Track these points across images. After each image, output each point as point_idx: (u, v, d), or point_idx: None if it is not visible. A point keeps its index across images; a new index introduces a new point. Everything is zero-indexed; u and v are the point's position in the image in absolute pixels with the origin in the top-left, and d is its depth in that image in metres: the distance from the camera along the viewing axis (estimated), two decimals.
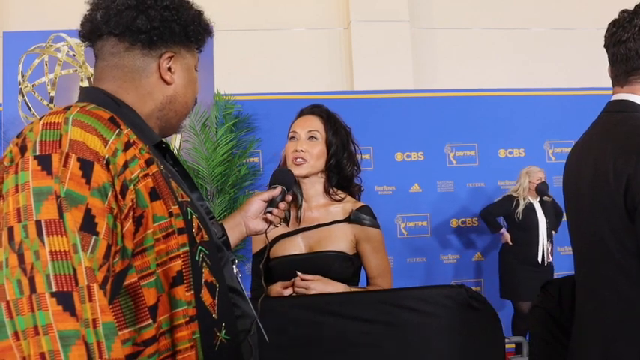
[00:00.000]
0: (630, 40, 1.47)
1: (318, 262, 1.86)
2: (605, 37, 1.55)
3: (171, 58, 1.14)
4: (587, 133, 1.62)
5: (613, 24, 1.52)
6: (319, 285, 1.80)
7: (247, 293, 1.25)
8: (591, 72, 6.05)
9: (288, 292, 1.82)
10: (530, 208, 4.91)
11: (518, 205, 4.89)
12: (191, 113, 1.26)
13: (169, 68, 1.15)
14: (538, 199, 4.96)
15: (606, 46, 1.55)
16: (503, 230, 5.05)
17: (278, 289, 1.85)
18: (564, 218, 5.63)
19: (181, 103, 1.19)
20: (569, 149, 1.69)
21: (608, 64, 1.58)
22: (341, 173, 1.96)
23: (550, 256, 4.92)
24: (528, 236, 4.87)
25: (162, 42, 1.13)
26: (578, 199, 1.58)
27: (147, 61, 1.13)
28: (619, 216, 1.38)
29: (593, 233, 1.48)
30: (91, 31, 1.13)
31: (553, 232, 5.05)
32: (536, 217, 4.92)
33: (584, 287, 1.57)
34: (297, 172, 1.88)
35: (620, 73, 1.52)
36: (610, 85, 1.60)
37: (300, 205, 1.97)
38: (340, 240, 1.91)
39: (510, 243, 4.97)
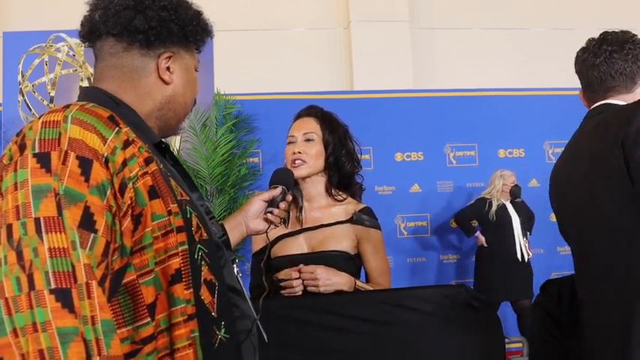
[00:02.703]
0: (603, 64, 1.60)
1: (321, 262, 1.86)
2: (576, 64, 1.68)
3: (169, 58, 1.14)
4: (573, 138, 1.67)
5: (582, 51, 1.66)
6: (323, 272, 1.80)
7: (247, 293, 1.24)
8: None
9: (295, 274, 1.82)
10: (502, 208, 5.06)
11: (490, 206, 5.04)
12: (191, 113, 1.26)
13: (168, 68, 1.14)
14: (509, 200, 5.09)
15: (579, 72, 1.67)
16: (478, 233, 5.18)
17: (287, 271, 1.85)
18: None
19: (180, 104, 1.18)
20: None
21: (580, 91, 1.71)
22: (341, 170, 1.98)
23: (529, 253, 5.04)
24: (503, 235, 4.99)
25: (161, 42, 1.13)
26: (572, 189, 1.60)
27: (145, 61, 1.13)
28: (622, 185, 1.41)
29: (597, 215, 1.49)
30: (90, 32, 1.14)
31: (527, 232, 5.17)
32: (509, 216, 5.06)
33: (590, 272, 1.56)
34: (297, 173, 1.89)
35: (597, 94, 1.63)
36: None
37: (302, 207, 1.97)
38: (342, 240, 1.92)
39: (485, 245, 5.10)
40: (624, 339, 1.41)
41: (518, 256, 4.96)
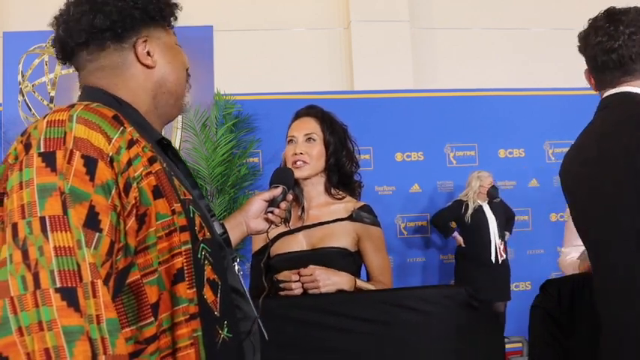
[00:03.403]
0: (622, 47, 1.52)
1: (320, 259, 1.87)
2: (587, 45, 1.59)
3: (145, 42, 1.14)
4: (585, 134, 1.62)
5: (594, 33, 1.57)
6: (322, 273, 1.81)
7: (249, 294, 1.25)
8: None
9: (295, 277, 1.83)
10: (479, 210, 5.08)
11: (467, 208, 5.06)
12: (191, 113, 1.25)
13: (148, 53, 1.14)
14: (487, 201, 5.11)
15: (592, 56, 1.58)
16: (456, 234, 5.21)
17: (286, 273, 1.86)
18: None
19: (172, 82, 1.18)
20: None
21: (586, 70, 1.63)
22: (341, 171, 1.99)
23: (503, 254, 5.05)
24: (480, 237, 5.02)
25: (129, 31, 1.12)
26: (585, 182, 1.56)
27: (123, 55, 1.12)
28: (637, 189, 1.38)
29: (607, 213, 1.47)
30: (62, 49, 1.14)
31: (507, 232, 5.20)
32: (485, 218, 5.08)
33: (608, 276, 1.55)
34: (298, 174, 1.90)
35: (612, 78, 1.56)
36: None
37: (303, 206, 1.98)
38: (342, 237, 1.92)
39: (463, 245, 5.12)
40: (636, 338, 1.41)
41: (492, 257, 4.99)
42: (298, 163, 1.93)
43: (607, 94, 1.58)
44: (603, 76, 1.58)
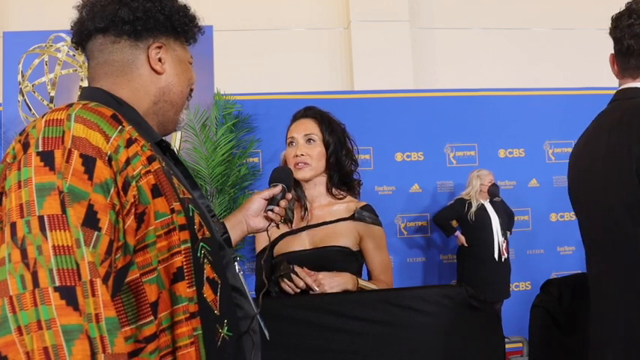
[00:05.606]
0: None
1: (323, 257, 1.89)
2: (616, 27, 1.52)
3: (160, 48, 1.15)
4: (594, 124, 1.60)
5: (628, 14, 1.48)
6: (326, 277, 1.81)
7: (252, 293, 1.25)
8: (591, 72, 6.07)
9: (301, 283, 1.83)
10: (482, 208, 5.08)
11: (470, 207, 5.06)
12: (191, 113, 1.26)
13: (160, 59, 1.15)
14: (488, 200, 5.11)
15: (618, 37, 1.51)
16: (458, 233, 5.20)
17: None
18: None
19: (176, 93, 1.19)
20: (569, 149, 1.68)
21: (612, 54, 1.56)
22: (341, 170, 1.99)
23: (505, 253, 5.05)
24: (483, 235, 5.02)
25: (149, 32, 1.14)
26: (589, 187, 1.56)
27: (135, 53, 1.14)
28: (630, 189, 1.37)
29: (608, 218, 1.46)
30: (80, 32, 1.15)
31: (508, 232, 5.20)
32: (488, 216, 5.07)
33: (600, 274, 1.55)
34: (300, 175, 1.92)
35: (636, 66, 1.50)
36: (611, 85, 1.58)
37: (305, 206, 1.99)
38: (344, 236, 1.94)
39: (466, 245, 5.11)
40: None
41: (496, 255, 5.00)
42: (300, 165, 1.94)
43: (623, 86, 1.53)
44: (626, 63, 1.51)
